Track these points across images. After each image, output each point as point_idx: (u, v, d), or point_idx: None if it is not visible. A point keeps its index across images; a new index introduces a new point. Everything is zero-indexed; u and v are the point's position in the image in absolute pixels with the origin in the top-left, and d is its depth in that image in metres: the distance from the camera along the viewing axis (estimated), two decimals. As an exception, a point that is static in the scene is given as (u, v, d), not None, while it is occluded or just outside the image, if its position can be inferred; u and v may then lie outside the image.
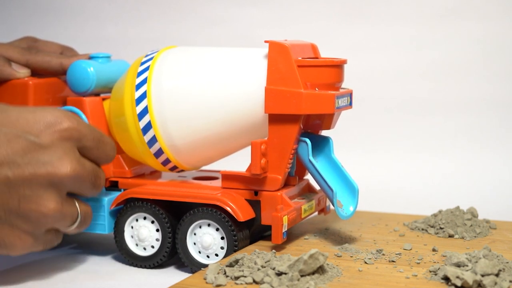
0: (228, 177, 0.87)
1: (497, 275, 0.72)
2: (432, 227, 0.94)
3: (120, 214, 0.89)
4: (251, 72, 0.85)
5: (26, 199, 0.77)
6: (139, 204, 0.88)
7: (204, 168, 0.98)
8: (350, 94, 0.87)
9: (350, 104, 0.88)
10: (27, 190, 0.77)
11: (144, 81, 0.88)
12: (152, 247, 0.88)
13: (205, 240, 0.85)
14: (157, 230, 0.88)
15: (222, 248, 0.84)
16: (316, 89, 0.83)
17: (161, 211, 0.87)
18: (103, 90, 0.95)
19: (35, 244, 0.80)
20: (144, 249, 0.88)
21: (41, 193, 0.78)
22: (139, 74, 0.89)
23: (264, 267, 0.75)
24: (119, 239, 0.89)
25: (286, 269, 0.72)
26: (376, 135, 1.47)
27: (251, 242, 0.87)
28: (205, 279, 0.74)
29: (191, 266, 0.86)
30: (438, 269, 0.76)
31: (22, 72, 0.92)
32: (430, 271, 0.76)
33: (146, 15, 1.63)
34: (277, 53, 0.83)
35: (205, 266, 0.83)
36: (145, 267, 0.88)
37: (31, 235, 0.79)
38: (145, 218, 0.88)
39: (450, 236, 0.91)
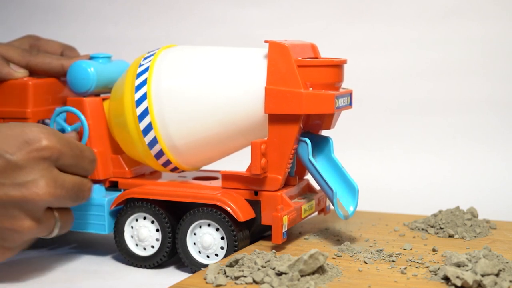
0: (228, 177, 0.87)
1: (497, 275, 0.72)
2: (432, 227, 0.94)
3: (120, 214, 0.89)
4: (251, 72, 0.85)
5: (0, 218, 0.76)
6: (139, 204, 0.88)
7: (204, 168, 0.98)
8: (350, 94, 0.87)
9: (350, 104, 0.88)
10: (1, 209, 0.76)
11: (143, 81, 0.88)
12: (152, 247, 0.88)
13: (205, 240, 0.85)
14: (157, 230, 0.88)
15: (222, 248, 0.84)
16: (310, 88, 0.83)
17: (161, 211, 0.87)
18: (104, 90, 0.95)
19: (13, 253, 0.81)
20: (144, 249, 0.88)
21: (15, 214, 0.77)
22: (139, 73, 0.89)
23: (264, 267, 0.75)
24: (119, 239, 0.89)
25: (286, 269, 0.72)
26: (376, 135, 1.47)
27: (251, 242, 0.87)
28: (205, 279, 0.74)
29: (191, 266, 0.86)
30: (438, 269, 0.76)
31: (20, 72, 0.92)
32: (430, 271, 0.76)
33: (146, 15, 1.63)
34: (277, 53, 0.83)
35: (205, 266, 0.83)
36: (145, 267, 0.88)
37: (8, 249, 0.79)
38: (145, 218, 0.88)
39: (450, 236, 0.91)
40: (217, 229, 0.85)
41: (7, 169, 0.76)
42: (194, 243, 0.86)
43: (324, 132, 0.90)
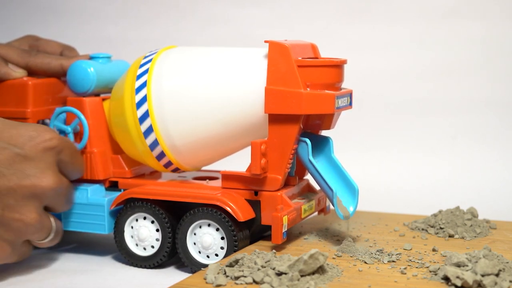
0: (228, 177, 0.87)
1: (497, 275, 0.72)
2: (432, 227, 0.94)
3: (120, 214, 0.89)
4: (251, 72, 0.85)
5: (10, 208, 0.80)
6: (139, 204, 0.88)
7: (204, 168, 0.98)
8: (350, 94, 0.87)
9: (350, 104, 0.88)
10: (11, 199, 0.80)
11: (144, 81, 0.88)
12: (152, 247, 0.88)
13: (205, 240, 0.85)
14: (157, 230, 0.88)
15: (222, 248, 0.84)
16: (308, 89, 0.83)
17: (161, 211, 0.87)
18: (103, 90, 0.95)
19: (12, 254, 0.83)
20: (144, 249, 0.88)
21: (24, 203, 0.81)
22: (139, 73, 0.89)
23: (264, 267, 0.75)
24: (119, 239, 0.89)
25: (286, 269, 0.72)
26: (376, 135, 1.47)
27: (251, 242, 0.87)
28: (205, 279, 0.74)
29: (191, 266, 0.86)
30: (438, 269, 0.76)
31: (19, 72, 0.93)
32: (430, 271, 0.76)
33: (146, 15, 1.63)
34: (277, 53, 0.83)
35: (205, 266, 0.83)
36: (145, 267, 0.88)
37: (10, 244, 0.81)
38: (145, 218, 0.88)
39: (450, 236, 0.91)
40: (217, 229, 0.85)
41: (16, 161, 0.80)
42: (194, 243, 0.86)
43: (324, 132, 0.90)
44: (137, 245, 0.89)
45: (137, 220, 0.88)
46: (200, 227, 0.85)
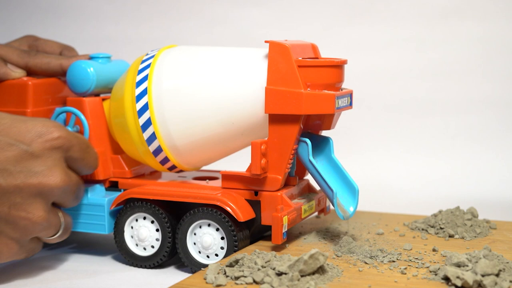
0: (228, 177, 0.87)
1: (497, 275, 0.72)
2: (432, 227, 0.94)
3: (120, 214, 0.89)
4: (251, 72, 0.85)
5: (16, 207, 0.79)
6: (139, 204, 0.88)
7: (204, 168, 0.98)
8: (350, 94, 0.87)
9: (350, 104, 0.88)
10: (18, 197, 0.79)
11: (144, 81, 0.88)
12: (152, 247, 0.88)
13: (205, 240, 0.85)
14: (157, 230, 0.88)
15: (222, 248, 0.84)
16: (308, 89, 0.83)
17: (160, 211, 0.87)
18: (103, 90, 0.95)
19: (19, 251, 0.82)
20: (144, 249, 0.88)
21: (30, 201, 0.79)
22: (139, 74, 0.89)
23: (264, 267, 0.75)
24: (119, 239, 0.89)
25: (286, 269, 0.72)
26: (376, 135, 1.47)
27: (251, 242, 0.87)
28: (205, 279, 0.74)
29: (191, 266, 0.86)
30: (438, 269, 0.76)
31: (18, 72, 0.93)
32: (430, 271, 0.76)
33: (146, 15, 1.63)
34: (278, 53, 0.83)
35: (205, 266, 0.83)
36: (145, 267, 0.88)
37: (17, 242, 0.81)
38: (145, 218, 0.88)
39: (450, 236, 0.91)
40: (217, 229, 0.85)
41: (23, 159, 0.79)
42: (194, 243, 0.86)
43: (324, 132, 0.90)
44: (137, 245, 0.89)
45: (137, 220, 0.88)
46: (200, 227, 0.85)
